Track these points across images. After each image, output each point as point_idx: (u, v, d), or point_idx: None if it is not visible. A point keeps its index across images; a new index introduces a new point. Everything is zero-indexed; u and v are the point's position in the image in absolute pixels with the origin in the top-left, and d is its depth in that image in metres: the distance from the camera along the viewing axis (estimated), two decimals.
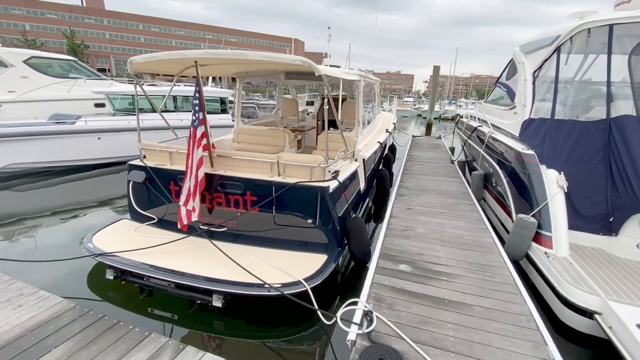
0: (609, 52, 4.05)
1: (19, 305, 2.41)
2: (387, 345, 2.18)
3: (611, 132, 3.81)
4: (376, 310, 2.53)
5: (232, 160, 3.98)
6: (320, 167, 3.71)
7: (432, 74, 15.36)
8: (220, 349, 2.86)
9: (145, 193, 4.30)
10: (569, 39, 4.46)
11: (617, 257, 3.52)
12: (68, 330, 2.20)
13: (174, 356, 2.08)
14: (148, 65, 4.07)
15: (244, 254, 3.58)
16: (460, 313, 2.56)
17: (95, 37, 63.45)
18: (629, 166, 3.54)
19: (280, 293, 2.90)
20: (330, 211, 3.69)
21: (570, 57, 4.48)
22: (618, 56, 4.07)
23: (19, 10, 56.90)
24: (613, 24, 4.13)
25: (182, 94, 10.32)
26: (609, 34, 4.12)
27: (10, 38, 45.75)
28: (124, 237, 3.93)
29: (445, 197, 5.54)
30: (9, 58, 9.63)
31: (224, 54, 3.56)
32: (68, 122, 7.97)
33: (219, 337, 3.02)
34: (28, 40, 42.71)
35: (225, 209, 3.91)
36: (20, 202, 6.39)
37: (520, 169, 4.29)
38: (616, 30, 4.12)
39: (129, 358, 2.02)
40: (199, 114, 3.65)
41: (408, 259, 3.40)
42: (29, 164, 7.38)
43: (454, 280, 3.01)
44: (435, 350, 2.17)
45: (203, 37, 73.95)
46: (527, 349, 2.20)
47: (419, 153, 10.05)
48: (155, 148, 4.30)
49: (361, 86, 5.91)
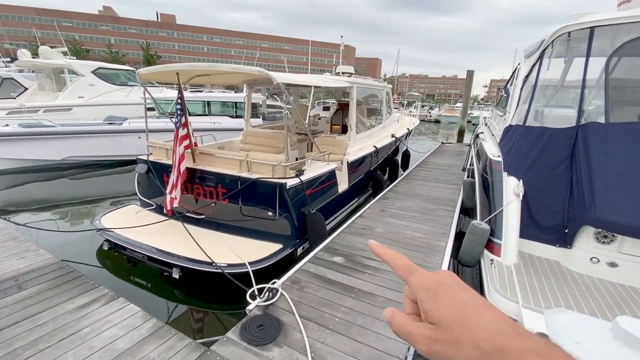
0: (587, 56, 3.85)
1: (21, 257, 3.24)
2: (273, 315, 2.53)
3: (577, 139, 3.64)
4: (286, 290, 2.87)
5: (211, 157, 4.58)
6: (280, 165, 4.14)
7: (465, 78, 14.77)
8: (168, 313, 3.43)
9: (147, 183, 5.11)
10: (550, 43, 4.29)
11: (568, 270, 3.37)
12: (45, 277, 2.94)
13: (117, 308, 2.66)
14: (150, 76, 4.87)
15: (211, 238, 4.14)
16: (361, 301, 2.79)
17: (167, 48, 70.99)
18: (585, 175, 3.38)
19: (221, 271, 3.38)
20: (288, 205, 4.09)
21: (551, 61, 4.31)
22: (597, 59, 3.84)
23: (106, 26, 66.22)
24: (594, 27, 3.91)
25: (214, 100, 11.43)
26: (589, 37, 3.90)
27: (98, 50, 53.35)
28: (125, 219, 4.73)
29: (429, 202, 5.56)
30: (80, 69, 11.60)
31: (199, 66, 4.18)
32: (117, 123, 9.42)
33: (173, 303, 3.60)
34: (112, 53, 49.36)
35: (203, 199, 4.52)
36: (74, 187, 7.81)
37: (489, 176, 4.24)
38: (597, 32, 3.89)
39: (75, 302, 2.66)
40: (181, 118, 4.31)
41: (346, 253, 3.65)
42: (83, 157, 8.89)
43: (376, 275, 3.21)
44: (315, 325, 2.46)
45: (259, 45, 78.27)
46: None
47: (437, 160, 9.87)
48: (156, 145, 5.08)
49: (354, 93, 6.19)
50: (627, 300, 2.92)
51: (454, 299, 0.35)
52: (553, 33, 4.24)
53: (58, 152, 8.49)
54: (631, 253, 3.17)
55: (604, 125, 3.50)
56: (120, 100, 12.53)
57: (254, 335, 2.33)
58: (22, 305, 2.56)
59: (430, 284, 0.37)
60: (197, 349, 2.22)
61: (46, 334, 2.28)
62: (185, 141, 4.38)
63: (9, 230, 4.02)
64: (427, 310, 0.36)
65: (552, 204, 3.64)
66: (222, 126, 10.13)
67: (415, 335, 0.36)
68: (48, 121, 8.63)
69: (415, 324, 0.36)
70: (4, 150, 7.82)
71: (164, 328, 2.40)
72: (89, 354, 2.12)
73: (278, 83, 3.94)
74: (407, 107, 16.59)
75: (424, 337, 0.35)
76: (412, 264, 0.40)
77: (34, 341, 2.21)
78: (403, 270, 0.40)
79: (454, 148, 12.38)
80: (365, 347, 2.28)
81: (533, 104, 4.19)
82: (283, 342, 2.29)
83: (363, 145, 6.60)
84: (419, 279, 0.38)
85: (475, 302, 0.35)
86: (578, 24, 4.02)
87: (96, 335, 2.29)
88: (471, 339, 0.32)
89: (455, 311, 0.34)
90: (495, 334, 0.32)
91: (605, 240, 3.29)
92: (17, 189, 7.41)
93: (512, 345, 0.31)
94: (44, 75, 12.35)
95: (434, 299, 0.35)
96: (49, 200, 6.77)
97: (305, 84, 4.86)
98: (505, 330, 0.32)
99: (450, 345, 0.33)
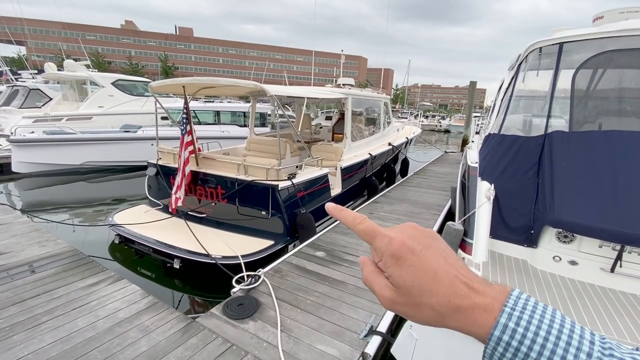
0: (556, 69, 4.14)
1: (42, 245, 3.73)
2: (253, 297, 2.90)
3: (544, 147, 3.91)
4: (268, 277, 3.24)
5: (213, 161, 5.04)
6: (273, 169, 4.56)
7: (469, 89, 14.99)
8: (170, 298, 3.83)
9: (155, 184, 5.60)
10: (525, 57, 4.61)
11: (534, 268, 3.62)
12: (62, 261, 3.40)
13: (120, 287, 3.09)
14: (161, 88, 5.42)
15: (210, 235, 4.55)
16: (333, 287, 3.13)
17: (184, 60, 73.63)
18: (548, 179, 3.65)
19: (215, 262, 3.78)
20: (279, 206, 4.48)
21: (526, 74, 4.61)
22: (565, 72, 4.13)
23: (127, 39, 69.38)
24: (563, 42, 4.21)
25: (223, 110, 12.06)
26: (558, 52, 4.21)
27: (119, 62, 55.86)
28: (135, 216, 5.20)
29: (417, 207, 5.86)
30: (101, 81, 12.46)
31: (202, 80, 4.68)
32: (131, 130, 10.10)
33: (173, 290, 4.01)
34: (132, 64, 51.62)
35: (205, 199, 4.96)
36: (91, 190, 8.44)
37: (466, 181, 4.54)
38: (566, 47, 4.19)
39: (86, 281, 3.10)
40: (186, 126, 4.80)
41: (328, 248, 4.00)
42: (100, 162, 9.56)
43: (352, 267, 3.55)
44: (289, 306, 2.82)
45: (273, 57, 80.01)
46: (363, 316, 2.71)
47: (435, 168, 10.13)
48: (165, 150, 5.59)
49: (349, 104, 6.60)
50: (582, 296, 3.16)
51: (415, 264, 0.36)
52: (527, 48, 4.56)
53: (77, 157, 9.18)
54: (589, 252, 3.40)
55: (567, 134, 3.78)
56: (137, 109, 13.31)
57: (234, 311, 2.70)
58: (42, 283, 3.02)
59: (394, 249, 0.37)
60: (184, 320, 2.61)
61: (61, 304, 2.71)
62: (190, 147, 4.86)
63: (33, 224, 4.55)
64: (389, 274, 0.37)
65: (520, 207, 3.90)
66: (229, 134, 10.68)
67: (378, 294, 0.38)
68: (69, 129, 9.37)
69: (379, 282, 0.38)
70: (30, 155, 8.55)
71: (158, 303, 2.81)
72: (95, 321, 2.54)
73: (271, 95, 4.38)
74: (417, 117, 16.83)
75: (385, 298, 0.38)
76: (374, 226, 0.40)
77: (50, 310, 2.65)
78: (365, 235, 0.40)
79: (455, 157, 12.58)
80: (329, 323, 2.62)
81: (521, 113, 4.50)
82: (258, 318, 2.66)
83: (359, 153, 6.96)
84: (382, 242, 0.38)
85: (435, 264, 0.36)
86: (548, 39, 4.34)
87: (102, 307, 2.71)
88: (428, 303, 0.35)
89: (414, 277, 0.35)
90: (450, 297, 0.34)
91: (566, 240, 3.54)
92: (41, 190, 8.08)
93: (463, 304, 0.34)
94: (67, 86, 13.28)
95: (396, 266, 0.36)
96: (68, 201, 7.38)
97: (299, 96, 5.30)
98: (459, 291, 0.34)
99: (408, 307, 0.36)
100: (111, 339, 2.38)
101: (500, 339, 0.32)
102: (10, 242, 3.84)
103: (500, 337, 0.32)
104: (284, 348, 2.34)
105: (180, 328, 2.51)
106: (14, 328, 2.44)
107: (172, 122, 11.55)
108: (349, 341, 2.43)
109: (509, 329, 0.32)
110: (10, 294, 2.83)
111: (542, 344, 0.30)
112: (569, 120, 3.88)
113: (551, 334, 0.31)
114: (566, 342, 0.30)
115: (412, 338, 1.26)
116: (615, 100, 4.01)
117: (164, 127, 11.23)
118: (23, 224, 4.45)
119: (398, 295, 0.37)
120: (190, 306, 3.83)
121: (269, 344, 2.39)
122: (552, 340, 0.31)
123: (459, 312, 0.34)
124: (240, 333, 2.48)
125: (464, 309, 0.34)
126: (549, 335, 0.31)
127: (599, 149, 3.48)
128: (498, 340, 0.32)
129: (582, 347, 0.30)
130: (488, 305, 0.33)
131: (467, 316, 0.34)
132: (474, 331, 0.34)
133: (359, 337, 2.46)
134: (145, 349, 2.30)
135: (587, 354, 0.30)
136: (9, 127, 9.98)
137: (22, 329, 2.43)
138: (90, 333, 2.42)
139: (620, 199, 3.12)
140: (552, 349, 0.30)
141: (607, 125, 3.84)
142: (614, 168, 3.29)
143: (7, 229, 4.23)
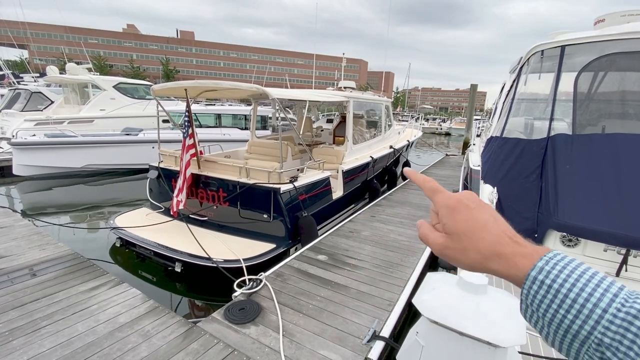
0: (558, 72, 4.13)
1: (43, 249, 3.71)
2: (254, 301, 2.87)
3: (547, 150, 3.89)
4: (269, 281, 3.21)
5: (215, 164, 5.03)
6: (275, 172, 4.54)
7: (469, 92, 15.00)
8: (170, 302, 3.81)
9: (157, 187, 5.59)
10: (527, 60, 4.60)
11: None
12: (62, 265, 3.38)
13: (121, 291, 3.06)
14: (163, 91, 5.42)
15: (212, 238, 4.53)
16: (335, 292, 3.10)
17: (185, 63, 73.96)
18: (551, 182, 3.63)
19: (217, 265, 3.76)
20: (281, 209, 4.46)
21: (528, 77, 4.60)
22: (567, 75, 4.12)
23: (129, 43, 69.75)
24: (565, 45, 4.20)
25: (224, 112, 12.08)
26: (560, 55, 4.20)
27: (121, 66, 56.10)
28: (136, 219, 5.18)
29: (419, 210, 5.83)
30: (102, 84, 12.49)
31: (204, 83, 4.68)
32: (132, 134, 10.11)
33: (174, 294, 3.98)
34: (134, 68, 51.83)
35: (207, 202, 4.94)
36: (92, 192, 8.43)
37: (469, 184, 4.52)
38: (568, 50, 4.18)
39: (86, 285, 3.07)
40: (188, 129, 4.79)
41: (330, 252, 3.97)
42: (101, 165, 9.56)
43: (354, 271, 3.52)
44: (291, 310, 2.79)
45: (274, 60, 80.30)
46: (365, 321, 2.68)
47: (437, 171, 10.11)
48: (166, 153, 5.58)
49: (350, 107, 6.60)
50: None
51: (468, 217, 0.42)
52: (529, 51, 4.55)
53: (79, 160, 9.18)
54: (594, 256, 3.37)
55: (570, 137, 3.76)
56: (138, 112, 13.33)
57: (236, 315, 2.67)
58: (42, 286, 3.00)
59: (451, 203, 0.45)
60: (185, 324, 2.58)
61: (61, 308, 2.69)
62: (191, 150, 4.85)
63: (34, 227, 4.53)
64: (444, 223, 0.44)
65: (523, 211, 3.87)
66: (230, 137, 10.69)
67: (432, 242, 0.45)
68: (70, 132, 9.38)
69: (434, 233, 0.45)
70: (31, 158, 8.55)
71: (159, 308, 2.78)
72: (95, 325, 2.51)
73: (273, 98, 4.38)
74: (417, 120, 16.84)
75: (438, 244, 0.44)
76: (439, 185, 0.48)
77: (50, 314, 2.62)
78: (429, 191, 0.48)
79: (457, 160, 12.57)
80: (332, 328, 2.59)
81: (523, 116, 4.49)
82: (260, 322, 2.63)
83: (360, 156, 6.95)
84: (442, 198, 0.46)
85: (485, 219, 0.42)
86: (550, 42, 4.33)
87: (102, 311, 2.69)
88: (475, 247, 0.41)
89: (467, 225, 0.42)
90: (495, 244, 0.40)
91: (570, 244, 3.50)
92: (42, 193, 8.08)
93: (506, 251, 0.39)
94: (69, 89, 13.31)
95: (451, 215, 0.44)
96: (69, 203, 7.37)
97: (301, 99, 5.29)
98: (504, 240, 0.40)
99: (457, 251, 0.42)
100: (111, 344, 2.35)
101: (536, 278, 0.37)
102: (11, 245, 3.82)
103: (536, 277, 0.37)
104: (286, 353, 2.31)
105: (181, 333, 2.48)
106: (13, 333, 2.41)
107: (173, 125, 11.58)
108: (352, 346, 2.41)
109: (544, 271, 0.37)
110: (10, 297, 2.81)
111: (572, 283, 0.35)
112: (571, 123, 3.86)
113: (582, 277, 0.35)
114: (595, 284, 0.35)
115: (419, 345, 1.24)
116: (618, 103, 3.99)
117: (165, 130, 11.25)
118: (24, 227, 4.43)
119: (450, 241, 0.43)
120: (191, 310, 3.80)
121: (271, 349, 2.36)
122: (582, 281, 0.35)
123: (502, 257, 0.39)
124: (242, 338, 2.45)
125: (506, 255, 0.39)
126: (580, 277, 0.35)
127: (603, 151, 3.46)
128: (534, 279, 0.37)
129: (611, 288, 0.35)
130: (528, 254, 0.39)
131: (508, 261, 0.39)
132: (513, 274, 0.39)
133: (361, 342, 2.43)
134: (146, 354, 2.27)
135: (613, 294, 0.34)
136: (10, 130, 10.00)
137: (22, 334, 2.40)
138: (90, 338, 2.39)
139: (625, 202, 3.09)
140: (581, 287, 0.34)
141: (610, 128, 3.82)
142: (618, 171, 3.26)
143: (7, 232, 4.22)
